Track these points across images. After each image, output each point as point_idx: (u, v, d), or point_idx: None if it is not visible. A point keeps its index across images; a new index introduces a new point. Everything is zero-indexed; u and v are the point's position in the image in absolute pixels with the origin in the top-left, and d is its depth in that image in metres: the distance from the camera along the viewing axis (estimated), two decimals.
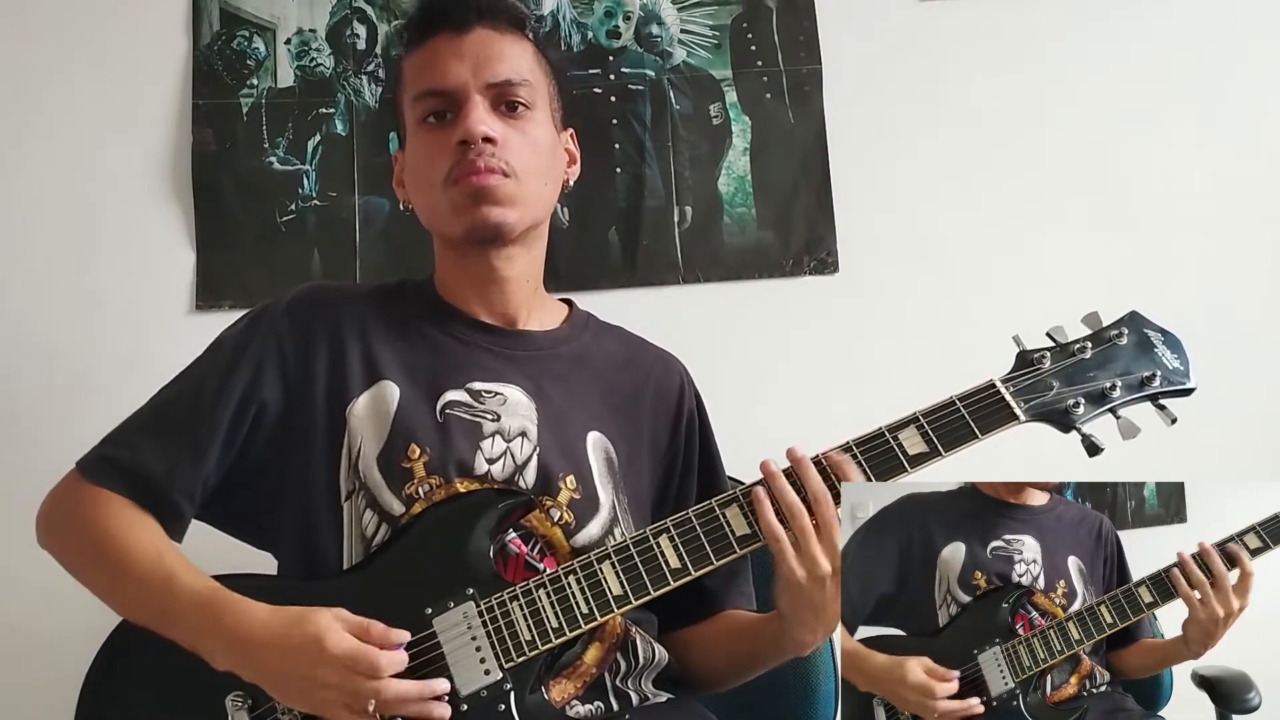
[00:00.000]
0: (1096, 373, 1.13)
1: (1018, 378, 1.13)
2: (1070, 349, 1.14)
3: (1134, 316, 1.18)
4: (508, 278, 1.25)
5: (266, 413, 1.20)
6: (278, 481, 1.20)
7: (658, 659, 1.21)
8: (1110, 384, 1.12)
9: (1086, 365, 1.13)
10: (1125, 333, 1.15)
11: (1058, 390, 1.12)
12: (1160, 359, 1.14)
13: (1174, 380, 1.13)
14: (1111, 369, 1.13)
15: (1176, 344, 1.16)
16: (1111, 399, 1.11)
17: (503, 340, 1.25)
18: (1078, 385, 1.12)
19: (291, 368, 1.21)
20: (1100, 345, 1.15)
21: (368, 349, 1.22)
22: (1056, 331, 1.16)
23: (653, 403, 1.30)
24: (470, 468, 1.16)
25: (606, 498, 1.20)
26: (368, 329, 1.24)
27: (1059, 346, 1.15)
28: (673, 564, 1.09)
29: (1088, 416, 1.11)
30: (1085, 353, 1.14)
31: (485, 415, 1.20)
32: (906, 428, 1.11)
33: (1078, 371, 1.13)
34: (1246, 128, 1.92)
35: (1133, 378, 1.13)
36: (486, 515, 1.12)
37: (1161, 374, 1.13)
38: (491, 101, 1.20)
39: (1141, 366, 1.13)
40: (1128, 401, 1.13)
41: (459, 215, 1.20)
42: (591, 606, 1.08)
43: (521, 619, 1.07)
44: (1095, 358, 1.14)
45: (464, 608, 1.07)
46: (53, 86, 1.88)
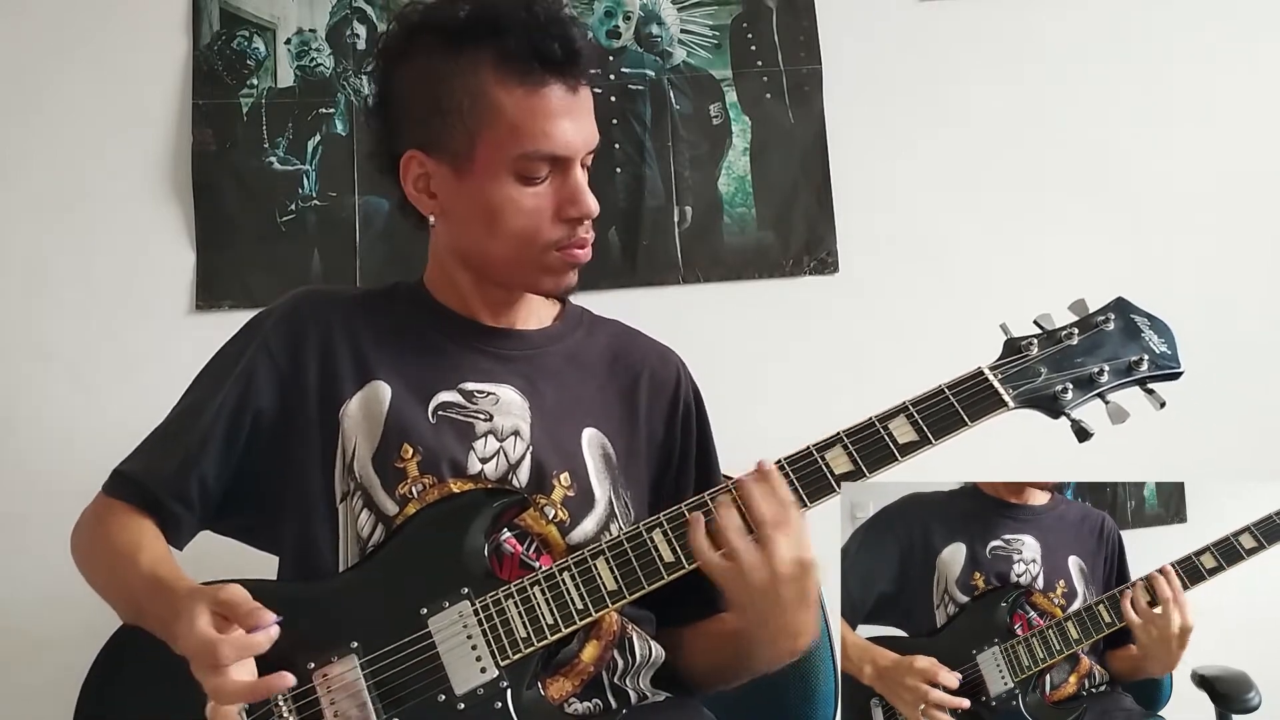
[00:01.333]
0: (1084, 358, 1.12)
1: (1006, 364, 1.13)
2: (1057, 335, 1.14)
3: (1120, 302, 1.18)
4: None
5: (262, 420, 1.21)
6: (275, 487, 1.21)
7: (655, 657, 1.21)
8: (1098, 369, 1.11)
9: (1074, 351, 1.13)
10: (1112, 318, 1.15)
11: (1046, 376, 1.12)
12: (1147, 343, 1.14)
13: (1162, 364, 1.13)
14: (1099, 354, 1.13)
15: (1164, 328, 1.16)
16: (1100, 384, 1.11)
17: (495, 340, 1.26)
18: (1066, 371, 1.12)
19: (285, 374, 1.21)
20: (1087, 331, 1.14)
21: (359, 351, 1.22)
22: (1044, 319, 1.16)
23: (649, 395, 1.30)
24: (463, 468, 1.17)
25: (603, 494, 1.20)
26: (359, 331, 1.24)
27: (1046, 333, 1.15)
28: (666, 558, 1.08)
29: (1076, 402, 1.11)
30: (1072, 339, 1.14)
31: (478, 415, 1.20)
32: (896, 417, 1.11)
33: (1065, 357, 1.13)
34: (1247, 128, 1.92)
35: (1120, 362, 1.12)
36: (481, 514, 1.12)
37: (1149, 358, 1.13)
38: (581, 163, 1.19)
39: (1129, 351, 1.13)
40: (1116, 386, 1.12)
41: (549, 276, 1.20)
42: (586, 602, 1.08)
43: (517, 616, 1.07)
44: (1083, 343, 1.14)
45: (459, 607, 1.07)
46: (53, 86, 1.88)
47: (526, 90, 1.14)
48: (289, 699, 1.04)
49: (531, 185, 1.16)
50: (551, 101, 1.14)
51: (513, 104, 1.14)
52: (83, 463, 1.72)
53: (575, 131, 1.15)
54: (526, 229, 1.17)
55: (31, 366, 1.82)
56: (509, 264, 1.20)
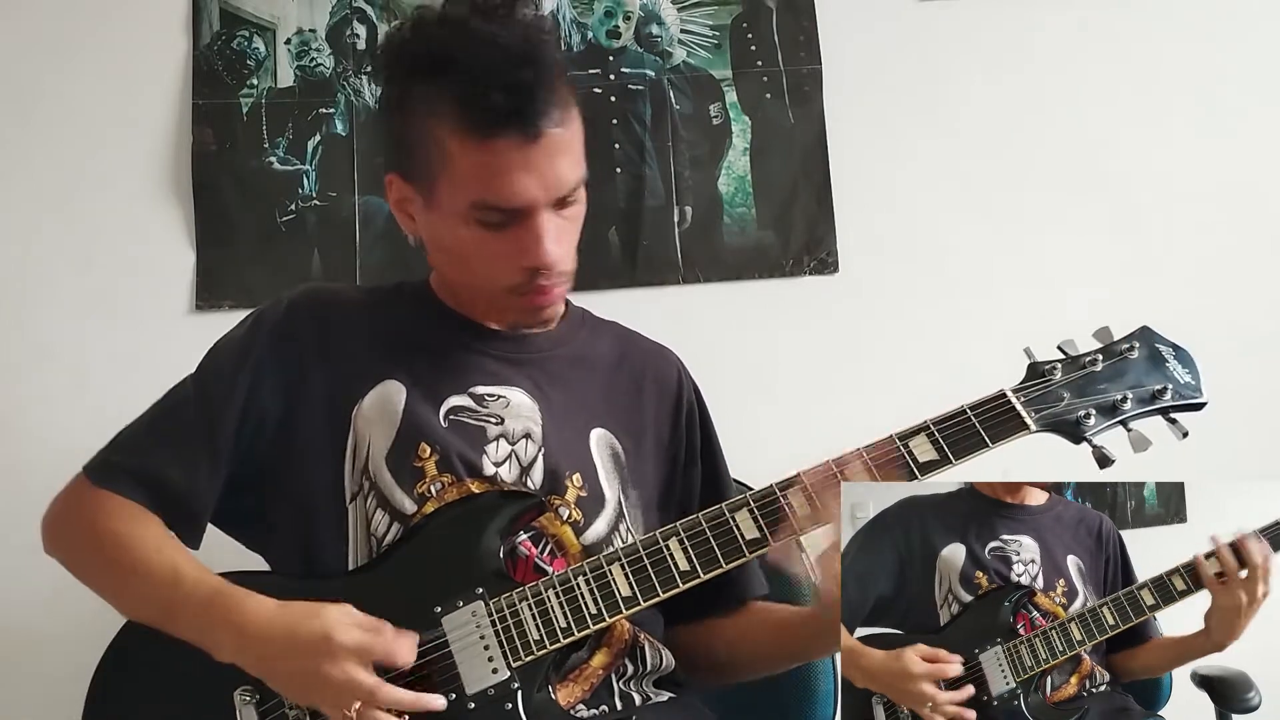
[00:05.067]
0: (1108, 385, 1.13)
1: (1029, 388, 1.13)
2: (1081, 361, 1.15)
3: (1145, 331, 1.18)
4: None
5: (268, 418, 1.20)
6: (276, 486, 1.20)
7: (665, 665, 1.21)
8: (1121, 396, 1.12)
9: (1098, 377, 1.14)
10: (1136, 346, 1.16)
11: (1069, 401, 1.12)
12: (1172, 373, 1.15)
13: (1185, 394, 1.14)
14: (1123, 382, 1.14)
15: (1188, 359, 1.17)
16: (1123, 411, 1.12)
17: (502, 344, 1.25)
18: (1089, 397, 1.12)
19: (291, 373, 1.21)
20: (1111, 359, 1.15)
21: (369, 349, 1.22)
22: (1067, 344, 1.17)
23: (653, 396, 1.30)
24: (479, 469, 1.17)
25: (612, 494, 1.21)
26: (368, 330, 1.24)
27: (1070, 359, 1.16)
28: (682, 567, 1.09)
29: (1099, 428, 1.11)
30: (1096, 365, 1.14)
31: (489, 419, 1.20)
32: (917, 435, 1.11)
33: (1089, 383, 1.13)
34: (1247, 128, 1.92)
35: (1144, 390, 1.13)
36: (498, 516, 1.12)
37: (1173, 388, 1.13)
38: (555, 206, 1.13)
39: (1153, 380, 1.14)
40: (1139, 414, 1.13)
41: (519, 314, 1.22)
42: (600, 608, 1.08)
43: (530, 619, 1.07)
44: (1106, 370, 1.14)
45: (473, 607, 1.07)
46: (53, 86, 1.88)
47: (476, 142, 1.08)
48: None
49: (492, 231, 1.12)
50: (500, 156, 1.08)
51: (463, 154, 1.09)
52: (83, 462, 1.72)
53: (533, 182, 1.09)
54: (489, 273, 1.16)
55: (31, 366, 1.82)
56: (479, 297, 1.22)
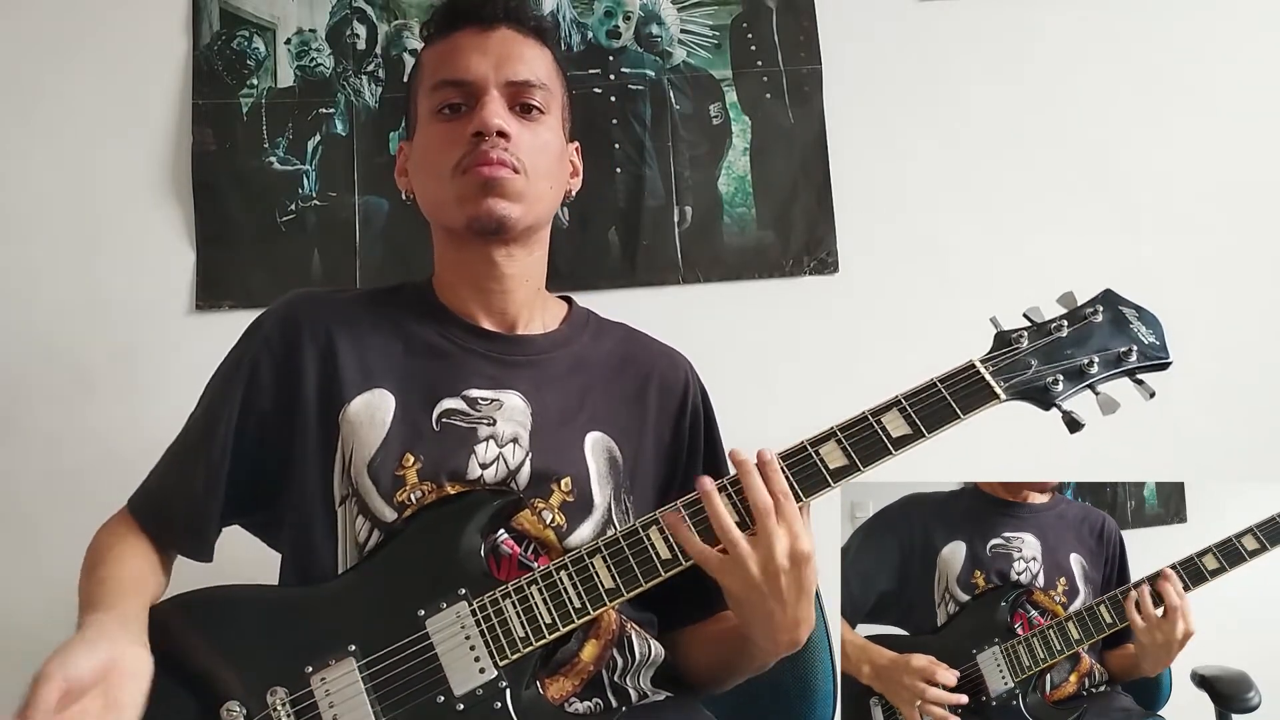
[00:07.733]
0: (1074, 350, 1.13)
1: (996, 357, 1.13)
2: (1047, 328, 1.15)
3: (1108, 294, 1.19)
4: (508, 275, 1.25)
5: (265, 422, 1.21)
6: (275, 488, 1.21)
7: (655, 655, 1.20)
8: (1088, 360, 1.12)
9: (1064, 343, 1.14)
10: (1100, 310, 1.16)
11: (1036, 368, 1.12)
12: (1136, 334, 1.15)
13: (1150, 354, 1.14)
14: (1089, 346, 1.14)
15: (1152, 319, 1.17)
16: (1090, 375, 1.12)
17: (501, 346, 1.25)
18: (1056, 363, 1.13)
19: (283, 375, 1.22)
20: (1076, 323, 1.15)
21: (361, 353, 1.22)
22: (1033, 311, 1.17)
23: (657, 399, 1.30)
24: (464, 473, 1.16)
25: (602, 499, 1.20)
26: (361, 333, 1.24)
27: (1036, 326, 1.16)
28: (663, 555, 1.08)
29: (1067, 393, 1.12)
30: (1062, 331, 1.15)
31: (481, 421, 1.20)
32: (889, 410, 1.11)
33: (1055, 349, 1.14)
34: (1247, 127, 1.92)
35: (1110, 353, 1.13)
36: (477, 515, 1.12)
37: (1138, 349, 1.14)
38: (508, 100, 1.22)
39: (1118, 342, 1.14)
40: (1106, 377, 1.13)
41: (464, 204, 1.21)
42: (584, 600, 1.08)
43: (515, 616, 1.07)
44: (1072, 335, 1.14)
45: (457, 608, 1.07)
46: (53, 86, 1.88)
47: (440, 40, 1.26)
48: (287, 702, 1.04)
49: (450, 121, 1.22)
50: (458, 42, 1.24)
51: (429, 57, 1.27)
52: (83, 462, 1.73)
53: (484, 61, 1.21)
54: (441, 160, 1.21)
55: (31, 366, 1.82)
56: (439, 204, 1.25)
